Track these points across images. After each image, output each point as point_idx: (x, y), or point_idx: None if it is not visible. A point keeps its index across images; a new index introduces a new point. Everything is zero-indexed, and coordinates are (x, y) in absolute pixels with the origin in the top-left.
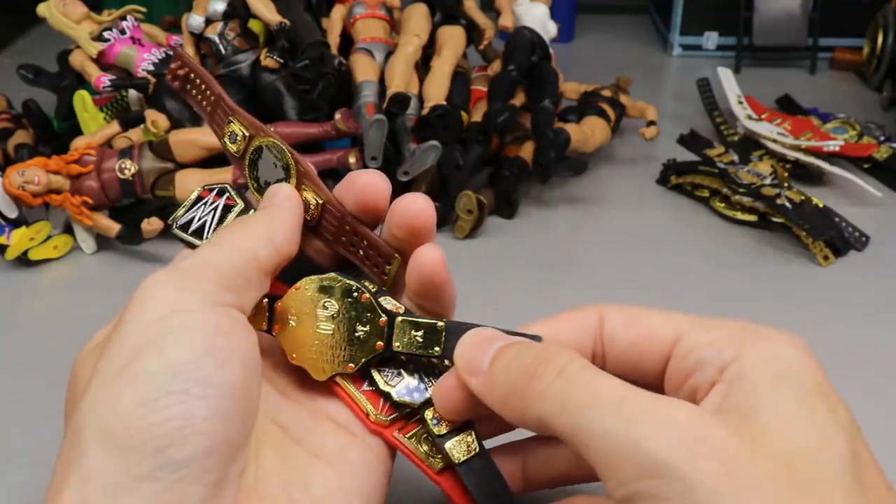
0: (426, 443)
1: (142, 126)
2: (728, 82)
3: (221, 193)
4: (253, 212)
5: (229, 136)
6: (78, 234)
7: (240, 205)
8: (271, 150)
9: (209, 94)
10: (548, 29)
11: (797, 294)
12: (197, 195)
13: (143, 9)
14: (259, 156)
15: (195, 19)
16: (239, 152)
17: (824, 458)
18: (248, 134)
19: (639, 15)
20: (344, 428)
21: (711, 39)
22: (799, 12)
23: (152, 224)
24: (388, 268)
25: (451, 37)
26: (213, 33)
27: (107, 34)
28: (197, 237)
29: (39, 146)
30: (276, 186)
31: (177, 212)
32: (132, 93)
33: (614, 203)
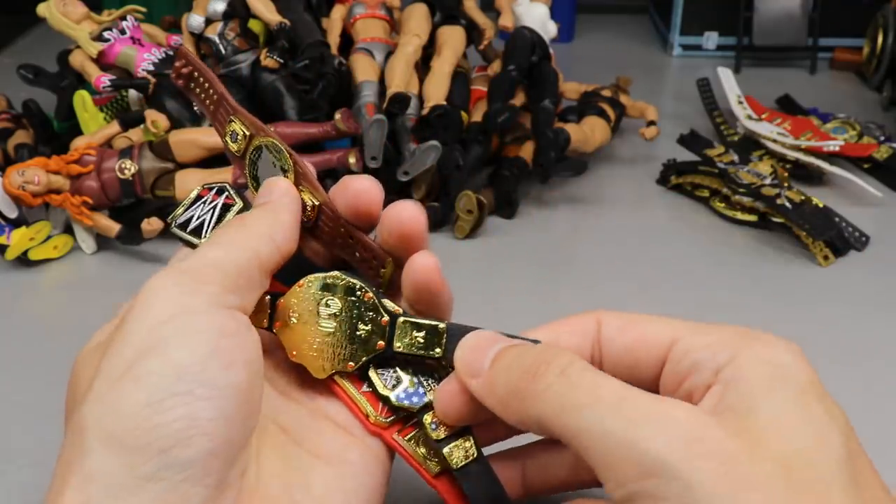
0: (424, 445)
1: (142, 126)
2: (728, 82)
3: (220, 192)
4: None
5: (230, 135)
6: (78, 234)
7: (238, 204)
8: (271, 151)
9: (212, 92)
10: (548, 29)
11: (797, 294)
12: (196, 194)
13: (143, 9)
14: (259, 155)
15: (195, 19)
16: (239, 151)
17: (821, 459)
18: (248, 133)
19: (639, 15)
20: (343, 428)
21: (711, 39)
22: (799, 12)
23: (152, 224)
24: (382, 271)
25: (451, 37)
26: (213, 33)
27: (107, 34)
28: (195, 236)
29: (39, 146)
30: (272, 180)
31: (176, 210)
32: (132, 93)
33: (614, 203)
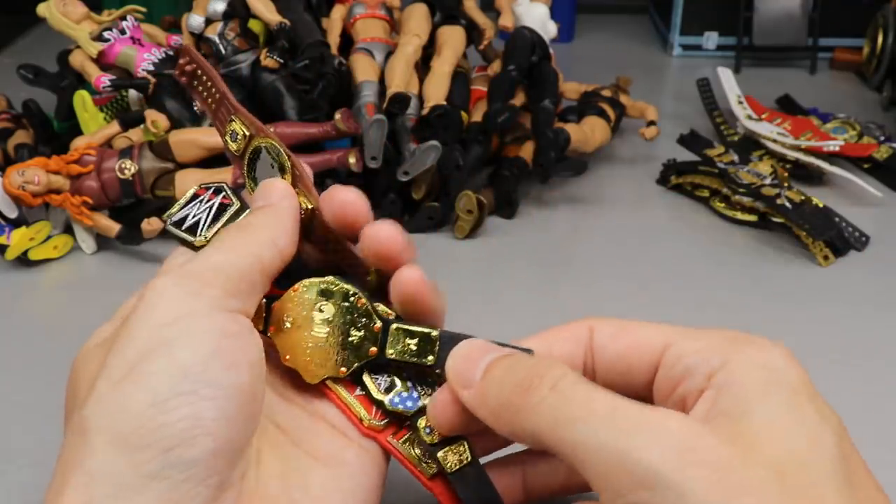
0: (419, 447)
1: (142, 126)
2: (728, 82)
3: (218, 192)
4: (249, 211)
5: (230, 134)
6: (78, 234)
7: (236, 204)
8: (269, 152)
9: (214, 91)
10: (548, 29)
11: (797, 294)
12: (193, 193)
13: (143, 9)
14: (257, 156)
15: (195, 19)
16: (239, 151)
17: (815, 461)
18: (248, 133)
19: (639, 15)
20: (340, 430)
21: (711, 39)
22: (799, 12)
23: (152, 224)
24: (368, 279)
25: (451, 37)
26: (213, 33)
27: (107, 34)
28: (191, 234)
29: (39, 146)
30: (270, 182)
31: (171, 208)
32: (132, 93)
33: (614, 203)
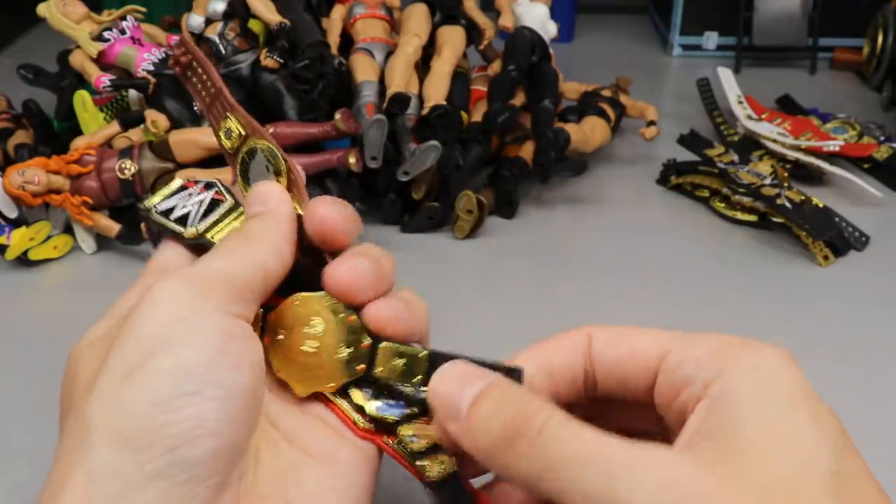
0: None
1: (142, 126)
2: (728, 82)
3: (209, 187)
4: (242, 209)
5: (225, 131)
6: (78, 234)
7: (229, 201)
8: (265, 154)
9: (209, 85)
10: (548, 29)
11: (797, 294)
12: (180, 185)
13: (143, 9)
14: (252, 157)
15: (195, 19)
16: (233, 149)
17: (805, 482)
18: (243, 133)
19: (639, 15)
20: (333, 428)
21: (711, 39)
22: (799, 12)
23: None
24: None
25: (451, 37)
26: (213, 33)
27: (107, 34)
28: (181, 224)
29: (39, 146)
30: (266, 185)
31: (152, 198)
32: (132, 93)
33: (614, 203)
